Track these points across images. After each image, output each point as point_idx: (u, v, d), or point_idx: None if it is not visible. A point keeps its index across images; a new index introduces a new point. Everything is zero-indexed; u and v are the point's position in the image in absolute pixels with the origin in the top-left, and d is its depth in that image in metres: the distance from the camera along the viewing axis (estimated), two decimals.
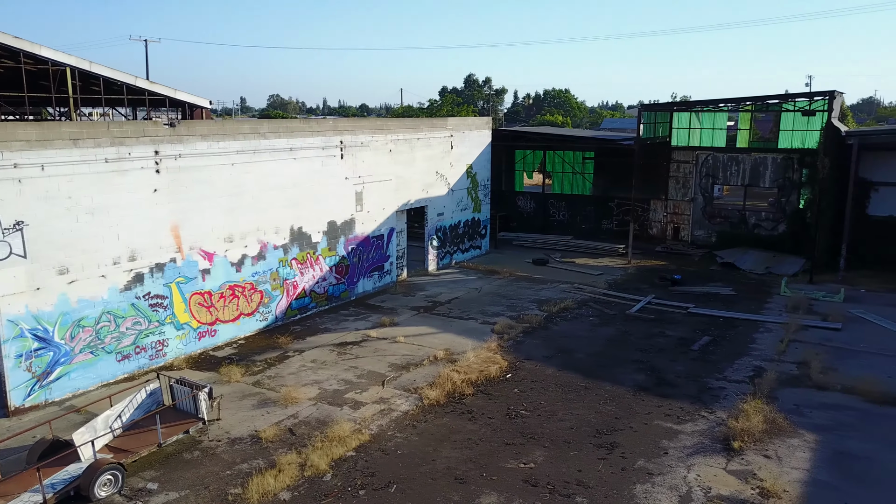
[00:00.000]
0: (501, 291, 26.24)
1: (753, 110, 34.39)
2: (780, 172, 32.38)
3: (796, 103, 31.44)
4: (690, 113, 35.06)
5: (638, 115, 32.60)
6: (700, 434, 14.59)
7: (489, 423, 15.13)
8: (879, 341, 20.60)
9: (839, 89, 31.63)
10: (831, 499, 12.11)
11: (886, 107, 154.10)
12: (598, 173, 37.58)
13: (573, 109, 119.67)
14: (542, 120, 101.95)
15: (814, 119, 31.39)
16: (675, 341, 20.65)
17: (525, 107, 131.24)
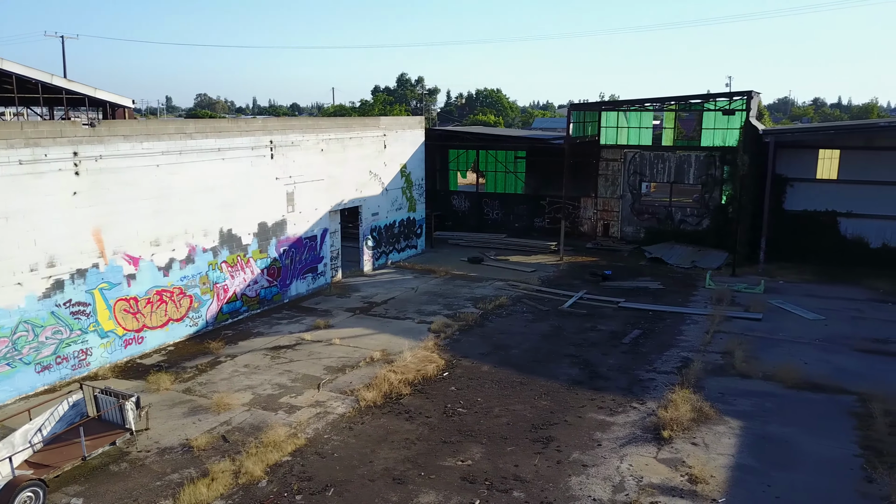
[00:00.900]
0: (438, 290, 26.31)
1: (677, 109, 35.58)
2: (704, 169, 33.60)
3: (717, 103, 32.67)
4: (618, 112, 35.97)
5: (568, 115, 33.24)
6: (632, 425, 14.98)
7: (427, 422, 15.15)
8: (797, 330, 21.63)
9: (756, 89, 33.05)
10: (754, 482, 12.64)
11: (800, 106, 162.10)
12: (530, 172, 38.13)
13: (505, 109, 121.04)
14: (474, 119, 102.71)
15: (733, 118, 32.69)
16: (607, 335, 21.15)
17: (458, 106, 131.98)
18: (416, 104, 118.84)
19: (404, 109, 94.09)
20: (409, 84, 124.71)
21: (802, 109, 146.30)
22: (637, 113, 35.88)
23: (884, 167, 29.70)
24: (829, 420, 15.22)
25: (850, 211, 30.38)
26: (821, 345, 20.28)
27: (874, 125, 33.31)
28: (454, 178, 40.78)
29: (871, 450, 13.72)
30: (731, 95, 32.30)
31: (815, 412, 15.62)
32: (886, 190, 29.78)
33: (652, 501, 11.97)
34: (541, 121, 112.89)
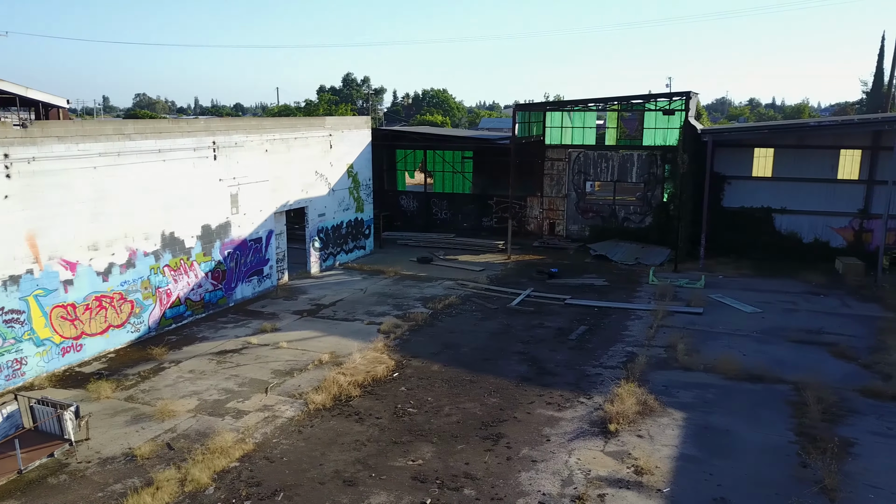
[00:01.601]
0: (387, 291, 26.24)
1: (620, 109, 36.30)
2: (646, 168, 34.41)
3: (658, 103, 33.47)
4: (562, 112, 36.51)
5: (513, 115, 33.58)
6: (579, 419, 15.25)
7: (377, 423, 15.10)
8: (736, 323, 22.36)
9: (695, 90, 34.01)
10: (697, 471, 13.03)
11: (737, 106, 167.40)
12: (478, 172, 38.38)
13: (452, 109, 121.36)
14: (421, 119, 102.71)
15: (673, 118, 33.56)
16: (554, 332, 21.46)
17: (405, 106, 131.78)
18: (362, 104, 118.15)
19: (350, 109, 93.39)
20: (354, 84, 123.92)
21: (739, 109, 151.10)
22: (581, 113, 36.48)
23: (814, 165, 30.97)
24: (767, 409, 15.79)
25: (784, 207, 31.56)
26: (758, 337, 21.02)
27: (805, 125, 34.67)
28: (402, 179, 40.74)
29: (805, 436, 14.30)
30: (670, 96, 33.12)
31: (753, 402, 16.18)
32: (817, 187, 31.06)
33: (600, 494, 12.21)
34: (487, 121, 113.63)
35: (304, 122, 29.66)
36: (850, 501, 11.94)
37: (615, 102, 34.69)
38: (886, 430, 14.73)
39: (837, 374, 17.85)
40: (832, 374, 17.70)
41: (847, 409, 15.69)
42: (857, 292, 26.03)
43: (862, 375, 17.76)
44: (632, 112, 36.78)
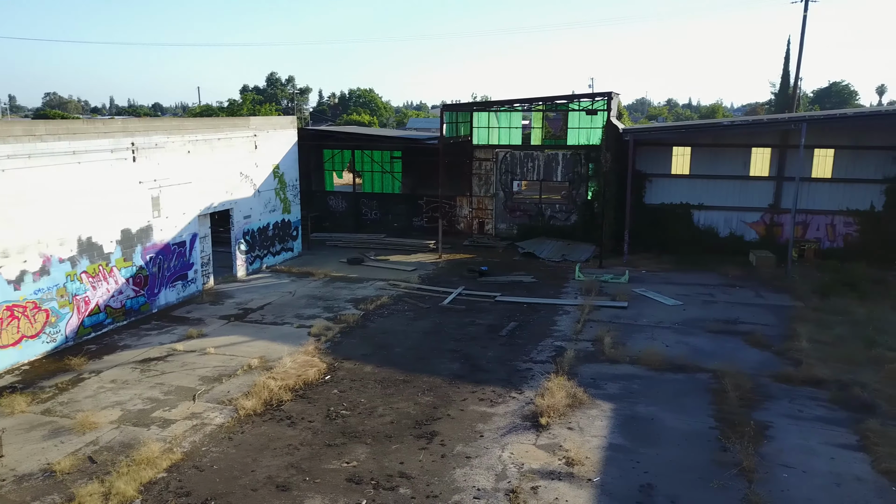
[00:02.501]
0: (317, 293, 25.94)
1: (545, 110, 37.01)
2: (570, 167, 35.22)
3: (581, 103, 34.30)
4: (489, 112, 36.94)
5: (441, 115, 33.77)
6: (512, 414, 15.50)
7: (310, 426, 14.94)
8: (658, 315, 23.19)
9: (616, 90, 35.04)
10: (625, 460, 13.47)
11: (656, 106, 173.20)
12: (407, 172, 38.39)
13: (379, 109, 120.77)
14: (348, 119, 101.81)
15: (596, 118, 34.47)
16: (486, 329, 21.73)
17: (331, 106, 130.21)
18: (287, 104, 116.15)
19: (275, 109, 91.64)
20: (279, 83, 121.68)
21: (658, 109, 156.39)
22: (507, 113, 37.01)
23: (728, 162, 32.42)
24: (689, 397, 16.46)
25: (701, 203, 32.90)
26: (679, 328, 21.87)
27: (719, 124, 36.26)
28: (330, 179, 40.32)
29: (724, 422, 14.98)
30: (593, 96, 33.99)
31: (676, 391, 16.84)
32: (731, 183, 32.53)
33: (533, 486, 12.46)
34: (415, 121, 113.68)
35: (228, 122, 28.98)
36: (766, 481, 12.59)
37: (540, 103, 35.35)
38: (798, 412, 15.60)
39: (753, 361, 18.78)
40: (748, 362, 18.61)
41: (762, 394, 16.53)
42: (770, 283, 27.42)
43: (775, 362, 18.74)
44: (556, 112, 37.57)
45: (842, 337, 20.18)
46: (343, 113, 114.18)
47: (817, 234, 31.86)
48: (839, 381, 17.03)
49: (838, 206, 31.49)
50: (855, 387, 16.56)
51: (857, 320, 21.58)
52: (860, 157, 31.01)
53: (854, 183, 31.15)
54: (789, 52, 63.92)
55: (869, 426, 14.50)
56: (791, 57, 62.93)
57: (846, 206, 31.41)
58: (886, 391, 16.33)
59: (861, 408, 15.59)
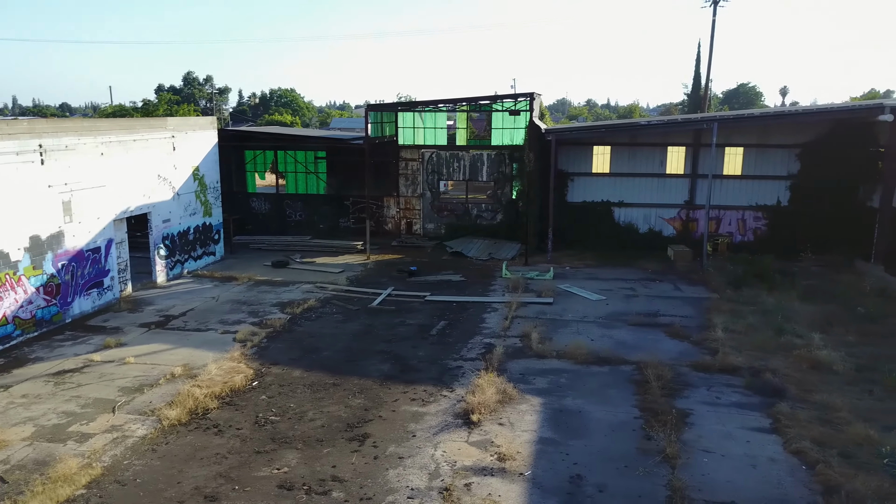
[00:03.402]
0: (241, 298, 25.34)
1: (469, 110, 37.35)
2: (495, 167, 35.68)
3: (504, 104, 34.82)
4: (414, 113, 36.98)
5: (365, 115, 33.58)
6: (443, 413, 15.59)
7: (238, 434, 14.59)
8: (583, 310, 23.80)
9: (538, 91, 35.71)
10: (554, 452, 13.77)
11: (576, 106, 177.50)
12: (332, 172, 37.98)
13: (301, 109, 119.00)
14: (270, 119, 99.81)
15: (519, 118, 35.04)
16: (416, 329, 21.76)
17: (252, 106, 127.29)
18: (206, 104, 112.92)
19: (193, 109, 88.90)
20: (196, 83, 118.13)
21: (578, 109, 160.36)
22: (432, 113, 37.15)
23: (646, 161, 33.55)
24: (614, 389, 16.97)
25: (621, 201, 33.93)
26: (603, 322, 22.51)
27: (637, 124, 37.50)
28: (252, 180, 39.40)
29: (648, 411, 15.52)
30: (516, 97, 34.57)
31: (602, 383, 17.33)
32: (649, 181, 33.69)
33: (466, 483, 12.57)
34: (339, 121, 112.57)
35: (144, 122, 27.94)
36: (688, 466, 13.13)
37: (464, 103, 35.65)
38: (715, 399, 16.33)
39: (673, 352, 19.53)
40: (668, 353, 19.34)
41: (682, 383, 17.22)
42: (687, 276, 28.58)
43: (693, 352, 19.55)
44: (480, 113, 37.97)
45: (753, 326, 21.23)
46: (265, 113, 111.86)
47: (729, 229, 33.40)
48: (752, 367, 17.92)
49: (748, 201, 33.11)
50: (766, 373, 17.46)
51: (767, 309, 22.76)
52: (766, 155, 32.70)
53: (762, 179, 32.84)
54: (700, 55, 66.72)
55: (780, 409, 15.32)
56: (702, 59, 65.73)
57: (755, 201, 33.06)
58: (794, 376, 17.29)
59: (772, 392, 16.45)
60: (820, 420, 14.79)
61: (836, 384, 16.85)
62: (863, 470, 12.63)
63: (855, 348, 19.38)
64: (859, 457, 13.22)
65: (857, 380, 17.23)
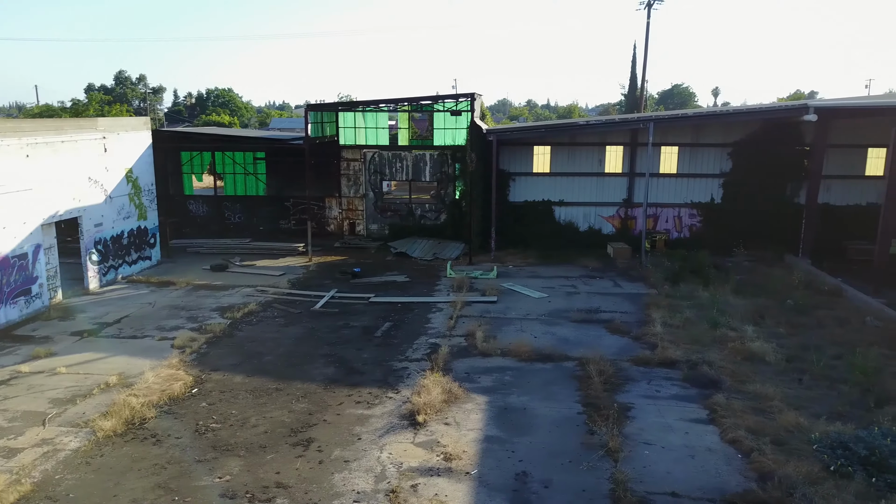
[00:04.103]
0: (179, 303, 24.66)
1: (410, 110, 37.30)
2: (438, 167, 35.73)
3: (445, 104, 34.90)
4: (355, 113, 36.71)
5: (305, 115, 33.13)
6: (389, 414, 15.51)
7: (177, 443, 14.19)
8: (526, 308, 24.05)
9: (479, 91, 35.94)
10: (500, 450, 13.86)
11: (517, 107, 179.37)
12: (272, 173, 37.36)
13: (240, 109, 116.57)
14: (207, 120, 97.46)
15: (461, 118, 35.18)
16: (360, 331, 21.59)
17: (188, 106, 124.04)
18: (139, 104, 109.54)
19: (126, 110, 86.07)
20: (129, 82, 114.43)
21: (519, 110, 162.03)
22: (373, 113, 36.95)
23: (586, 160, 34.16)
24: (557, 385, 17.20)
25: (562, 200, 34.45)
26: (546, 319, 22.80)
27: (576, 124, 38.13)
28: (189, 182, 38.43)
29: (591, 406, 15.78)
30: (457, 97, 34.69)
31: (545, 380, 17.54)
32: (588, 180, 34.30)
33: (412, 484, 12.53)
34: (278, 121, 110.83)
35: (73, 123, 26.89)
36: (630, 459, 13.41)
37: (406, 103, 35.60)
38: (655, 392, 16.73)
39: (614, 347, 19.93)
40: (609, 348, 19.73)
41: (623, 377, 17.58)
42: (626, 273, 29.21)
43: (633, 347, 19.99)
44: (422, 113, 37.97)
45: (690, 320, 21.85)
46: (201, 114, 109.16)
47: (666, 226, 34.31)
48: (689, 360, 18.44)
49: (683, 199, 34.07)
50: (703, 365, 18.00)
51: (703, 304, 23.46)
52: (700, 154, 33.72)
53: (696, 178, 33.83)
54: (636, 57, 68.39)
55: (716, 400, 15.81)
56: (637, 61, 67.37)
57: (690, 199, 34.05)
58: (729, 367, 17.86)
59: (709, 384, 16.97)
60: (754, 409, 15.32)
61: (768, 374, 17.49)
62: (794, 456, 13.14)
63: (785, 339, 20.16)
64: (791, 443, 13.75)
65: (787, 369, 17.93)
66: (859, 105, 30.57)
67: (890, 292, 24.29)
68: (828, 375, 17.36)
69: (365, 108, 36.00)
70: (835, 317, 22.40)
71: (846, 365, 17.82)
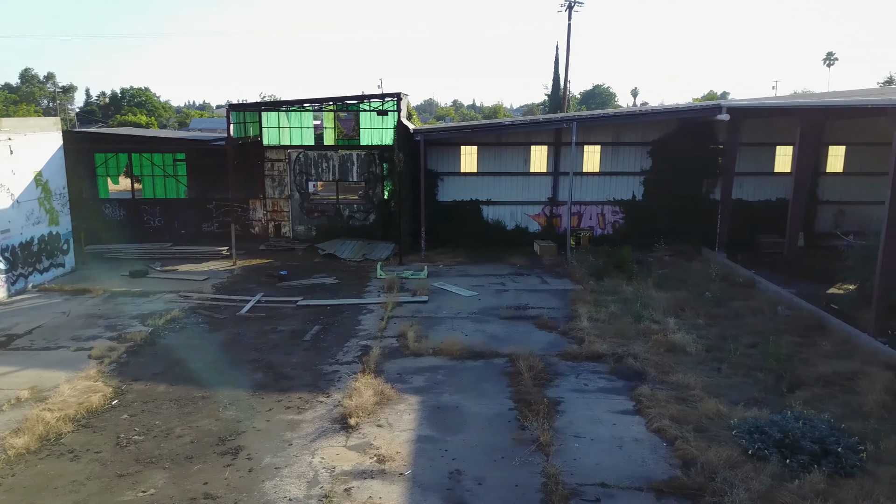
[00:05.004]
0: (96, 312, 23.60)
1: (336, 110, 36.88)
2: (365, 167, 35.47)
3: (371, 104, 34.67)
4: (279, 112, 36.01)
5: (227, 115, 32.31)
6: (320, 419, 15.29)
7: (97, 458, 13.56)
8: (456, 307, 24.18)
9: (405, 91, 35.85)
10: (433, 450, 13.88)
11: (443, 107, 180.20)
12: (193, 175, 36.21)
13: (157, 109, 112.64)
14: (123, 120, 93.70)
15: (387, 118, 35.01)
16: (288, 335, 21.20)
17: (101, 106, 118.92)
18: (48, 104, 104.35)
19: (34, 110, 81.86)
20: (36, 80, 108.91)
21: (445, 110, 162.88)
22: (298, 113, 36.34)
23: (511, 160, 34.61)
24: (489, 382, 17.36)
25: (489, 199, 34.79)
26: (476, 317, 22.98)
27: (501, 124, 38.58)
28: (104, 185, 36.76)
29: (522, 402, 16.00)
30: (383, 97, 34.51)
31: (477, 377, 17.68)
32: (514, 180, 34.78)
33: (346, 489, 12.40)
34: (199, 121, 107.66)
35: None
36: (561, 452, 13.67)
37: (331, 103, 35.18)
38: (583, 386, 17.12)
39: (543, 343, 20.28)
40: (538, 344, 20.06)
41: (552, 372, 17.91)
42: (553, 270, 29.77)
43: (561, 342, 20.39)
44: (348, 112, 37.59)
45: (615, 314, 22.46)
46: (116, 114, 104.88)
47: (590, 223, 35.15)
48: (615, 353, 18.95)
49: (606, 196, 34.99)
50: (628, 358, 18.53)
51: (627, 298, 24.15)
52: (621, 153, 34.71)
53: (618, 176, 34.81)
54: (558, 58, 69.86)
55: (641, 392, 16.31)
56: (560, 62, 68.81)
57: (613, 196, 35.00)
58: (653, 359, 18.46)
59: (634, 376, 17.49)
60: (677, 399, 15.89)
61: (689, 364, 18.17)
62: (715, 442, 13.70)
63: (704, 330, 20.99)
64: (712, 430, 14.33)
65: (707, 359, 18.67)
66: (767, 105, 32.15)
67: (799, 282, 25.65)
68: (744, 364, 18.17)
69: (289, 107, 35.37)
70: (749, 307, 23.49)
71: (761, 353, 18.71)
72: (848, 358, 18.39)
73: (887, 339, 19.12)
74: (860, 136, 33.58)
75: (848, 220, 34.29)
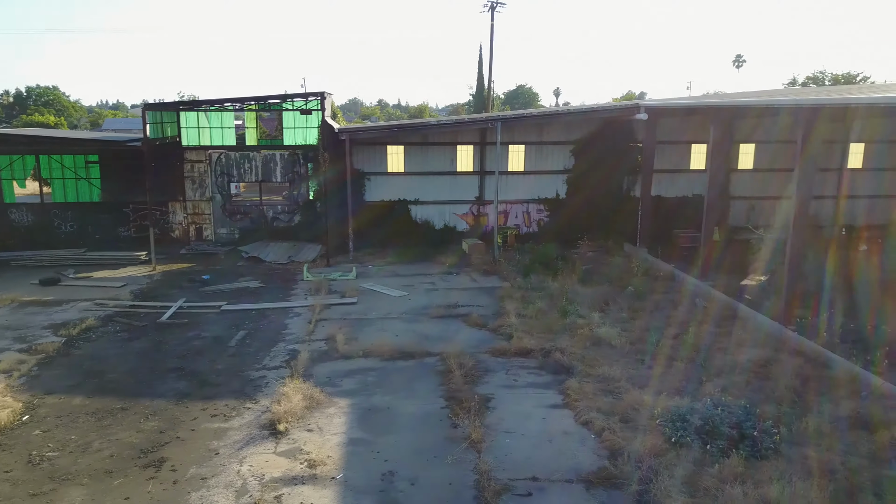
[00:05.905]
0: (3, 322, 22.28)
1: (258, 109, 36.07)
2: (290, 167, 34.84)
3: (294, 103, 34.07)
4: (198, 112, 34.93)
5: (143, 115, 31.10)
6: (248, 426, 14.91)
7: (7, 477, 12.80)
8: (386, 307, 24.06)
9: (329, 90, 35.40)
10: (365, 452, 13.75)
11: (368, 106, 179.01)
12: (107, 177, 34.67)
13: (67, 109, 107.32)
14: (29, 121, 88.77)
15: (311, 117, 34.50)
16: (212, 341, 20.59)
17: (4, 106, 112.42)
18: None
19: None
20: None
21: (370, 109, 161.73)
22: (218, 113, 35.33)
23: (438, 159, 34.71)
24: (420, 382, 17.35)
25: (417, 199, 34.78)
26: (407, 317, 22.93)
27: (427, 124, 38.61)
28: (10, 189, 34.75)
29: (453, 400, 16.06)
30: (306, 96, 33.96)
31: (408, 377, 17.63)
32: (442, 179, 34.89)
33: (276, 496, 12.13)
34: (112, 121, 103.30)
35: None
36: (492, 448, 13.79)
37: (252, 102, 34.38)
38: (513, 381, 17.33)
39: (473, 340, 20.42)
40: (469, 342, 20.19)
41: (483, 369, 18.06)
42: (481, 268, 30.02)
43: (491, 339, 20.59)
44: (270, 112, 36.82)
45: (542, 310, 22.84)
46: (21, 114, 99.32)
47: (516, 221, 35.64)
48: (543, 349, 19.27)
49: (531, 195, 35.55)
50: (556, 352, 18.87)
51: (553, 294, 24.61)
52: (545, 152, 35.33)
53: (542, 174, 35.42)
54: (482, 58, 70.53)
55: (569, 385, 16.64)
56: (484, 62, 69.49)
57: (537, 195, 35.59)
58: (580, 353, 18.87)
59: (562, 370, 17.84)
60: (603, 391, 16.30)
61: (614, 357, 18.67)
62: (640, 432, 14.11)
63: (628, 323, 21.62)
64: (637, 420, 14.75)
65: (631, 351, 19.24)
66: (682, 105, 33.41)
67: (714, 275, 26.75)
68: (666, 354, 18.81)
69: (209, 107, 34.34)
70: (669, 300, 24.36)
71: (680, 344, 19.41)
72: (761, 346, 19.32)
73: (796, 327, 20.19)
74: (768, 135, 35.32)
75: (758, 214, 36.06)
